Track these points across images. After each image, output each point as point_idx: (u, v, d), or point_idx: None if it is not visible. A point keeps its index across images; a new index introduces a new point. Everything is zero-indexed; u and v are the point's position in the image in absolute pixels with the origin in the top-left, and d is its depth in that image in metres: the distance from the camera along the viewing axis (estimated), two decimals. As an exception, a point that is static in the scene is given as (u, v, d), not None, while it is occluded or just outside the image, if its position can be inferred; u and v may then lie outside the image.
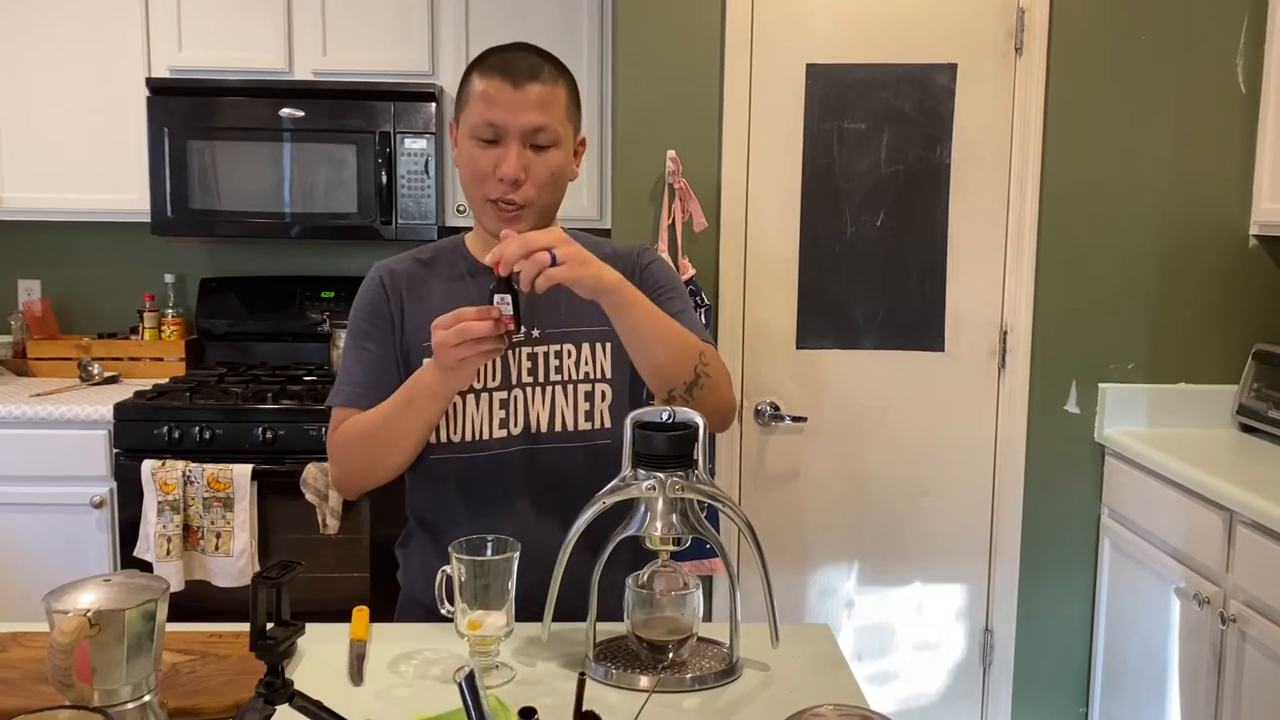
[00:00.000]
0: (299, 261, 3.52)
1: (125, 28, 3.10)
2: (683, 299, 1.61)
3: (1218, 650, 2.22)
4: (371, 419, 1.49)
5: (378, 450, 1.49)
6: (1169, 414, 2.74)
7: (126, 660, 0.99)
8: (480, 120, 1.47)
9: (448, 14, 3.12)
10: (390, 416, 1.46)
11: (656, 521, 1.24)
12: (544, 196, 1.51)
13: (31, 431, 2.87)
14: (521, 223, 1.50)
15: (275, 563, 1.08)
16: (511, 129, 1.46)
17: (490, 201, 1.49)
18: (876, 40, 2.67)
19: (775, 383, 2.75)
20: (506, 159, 1.46)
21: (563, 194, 1.56)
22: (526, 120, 1.46)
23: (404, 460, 1.50)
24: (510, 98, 1.46)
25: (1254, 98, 2.66)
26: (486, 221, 1.53)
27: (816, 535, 2.80)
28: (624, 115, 2.67)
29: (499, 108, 1.46)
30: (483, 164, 1.48)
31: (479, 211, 1.53)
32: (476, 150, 1.48)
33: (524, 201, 1.49)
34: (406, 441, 1.47)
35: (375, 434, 1.48)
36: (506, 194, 1.47)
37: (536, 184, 1.49)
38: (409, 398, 1.44)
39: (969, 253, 2.72)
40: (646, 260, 1.61)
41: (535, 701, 1.15)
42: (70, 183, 3.14)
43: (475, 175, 1.49)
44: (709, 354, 1.49)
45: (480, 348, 1.32)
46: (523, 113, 1.46)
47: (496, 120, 1.46)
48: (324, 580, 2.82)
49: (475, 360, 1.35)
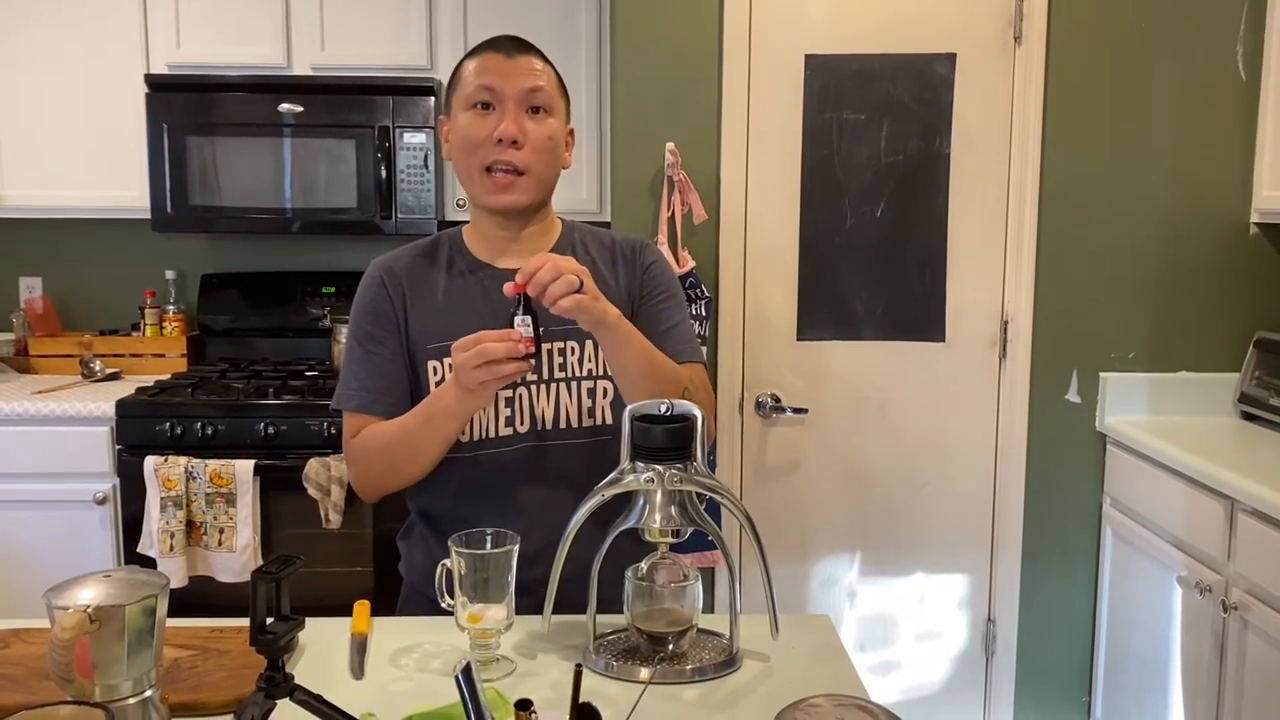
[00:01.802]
0: (299, 257, 3.52)
1: (124, 25, 3.10)
2: (680, 307, 1.61)
3: (1220, 638, 2.22)
4: (391, 433, 1.48)
5: (398, 463, 1.50)
6: (1170, 402, 2.74)
7: (127, 656, 0.99)
8: (475, 87, 1.47)
9: (445, 8, 3.12)
10: (411, 432, 1.46)
11: (655, 514, 1.25)
12: (541, 164, 1.49)
13: (34, 429, 2.87)
14: (517, 191, 1.49)
15: (274, 557, 1.08)
16: (508, 91, 1.47)
17: (486, 171, 1.48)
18: (875, 30, 2.66)
19: (776, 374, 2.75)
20: (504, 121, 1.46)
21: (557, 172, 1.55)
22: (523, 83, 1.47)
23: (423, 471, 1.50)
24: (505, 65, 1.47)
25: (1254, 85, 2.65)
26: (484, 195, 1.51)
27: (818, 526, 2.80)
28: (623, 108, 2.67)
29: (493, 74, 1.47)
30: (479, 130, 1.47)
31: (475, 186, 1.51)
32: (472, 118, 1.48)
33: (523, 166, 1.48)
34: (426, 457, 1.48)
35: (394, 448, 1.48)
36: (504, 155, 1.46)
37: (535, 148, 1.48)
38: (429, 415, 1.44)
39: (969, 243, 2.72)
40: (648, 260, 1.60)
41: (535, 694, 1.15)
42: (70, 180, 3.14)
43: (471, 143, 1.48)
44: (697, 380, 1.51)
45: (501, 370, 1.30)
46: (518, 77, 1.47)
47: (493, 84, 1.47)
48: (326, 575, 2.83)
49: (495, 384, 1.34)
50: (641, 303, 1.57)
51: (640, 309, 1.57)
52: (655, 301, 1.57)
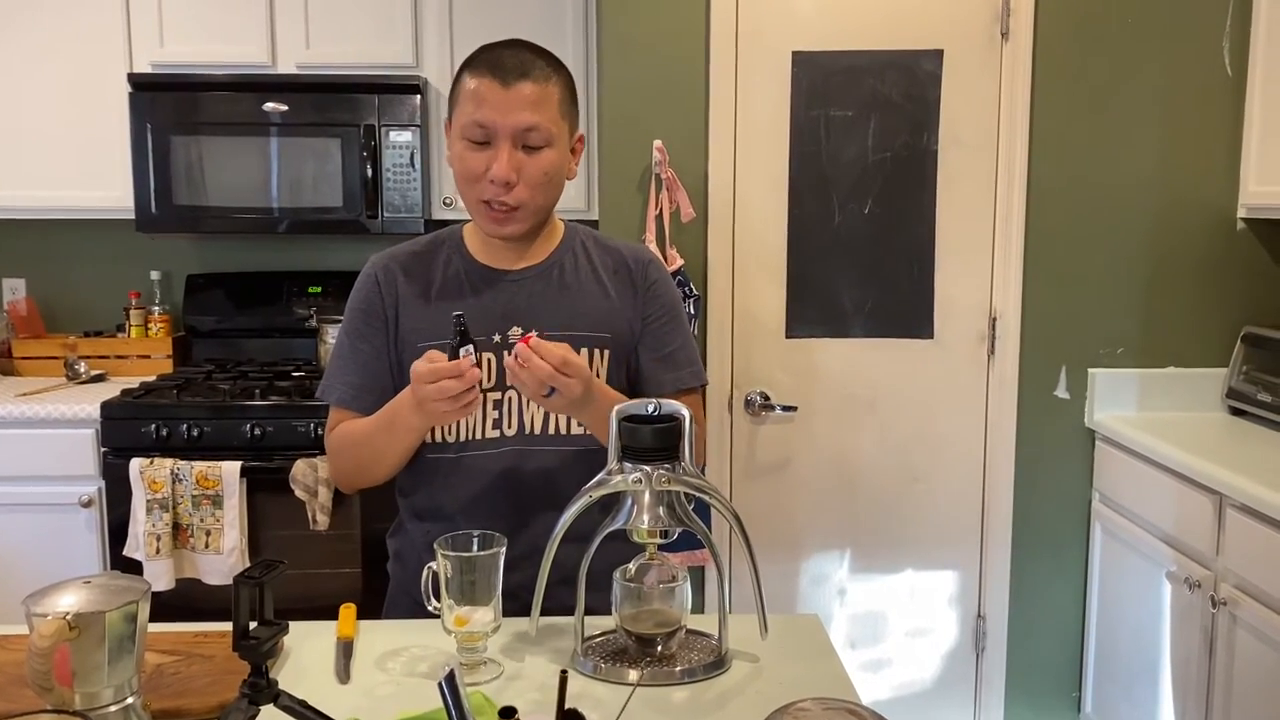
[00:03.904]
0: (285, 256, 3.50)
1: (107, 23, 3.07)
2: (681, 327, 1.61)
3: (1209, 633, 2.23)
4: (358, 433, 1.52)
5: (363, 462, 1.53)
6: (1158, 398, 2.74)
7: (108, 663, 0.98)
8: (470, 120, 1.45)
9: (431, 6, 3.10)
10: (374, 435, 1.49)
11: (643, 514, 1.24)
12: (537, 198, 1.49)
13: (18, 431, 2.85)
14: (514, 224, 1.49)
15: (258, 562, 1.07)
16: (502, 130, 1.43)
17: (483, 203, 1.47)
18: (862, 27, 2.65)
19: (765, 372, 2.75)
20: (498, 160, 1.43)
21: (558, 194, 1.54)
22: (517, 120, 1.43)
23: (390, 471, 1.54)
24: (500, 97, 1.43)
25: (1240, 80, 2.66)
26: (480, 223, 1.52)
27: (808, 524, 2.80)
28: (610, 105, 2.66)
29: (488, 108, 1.43)
30: (474, 165, 1.46)
31: (473, 213, 1.52)
32: (468, 151, 1.46)
33: (516, 204, 1.47)
34: (389, 461, 1.51)
35: (360, 448, 1.52)
36: (498, 196, 1.45)
37: (529, 185, 1.46)
38: (390, 421, 1.46)
39: (957, 239, 2.72)
40: (651, 278, 1.59)
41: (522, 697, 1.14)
42: (54, 180, 3.12)
43: (467, 177, 1.47)
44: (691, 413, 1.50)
45: (460, 402, 1.32)
46: (513, 113, 1.43)
47: (486, 121, 1.43)
48: (315, 576, 2.81)
49: (456, 415, 1.38)
50: (642, 324, 1.57)
51: (642, 330, 1.57)
52: (657, 323, 1.57)
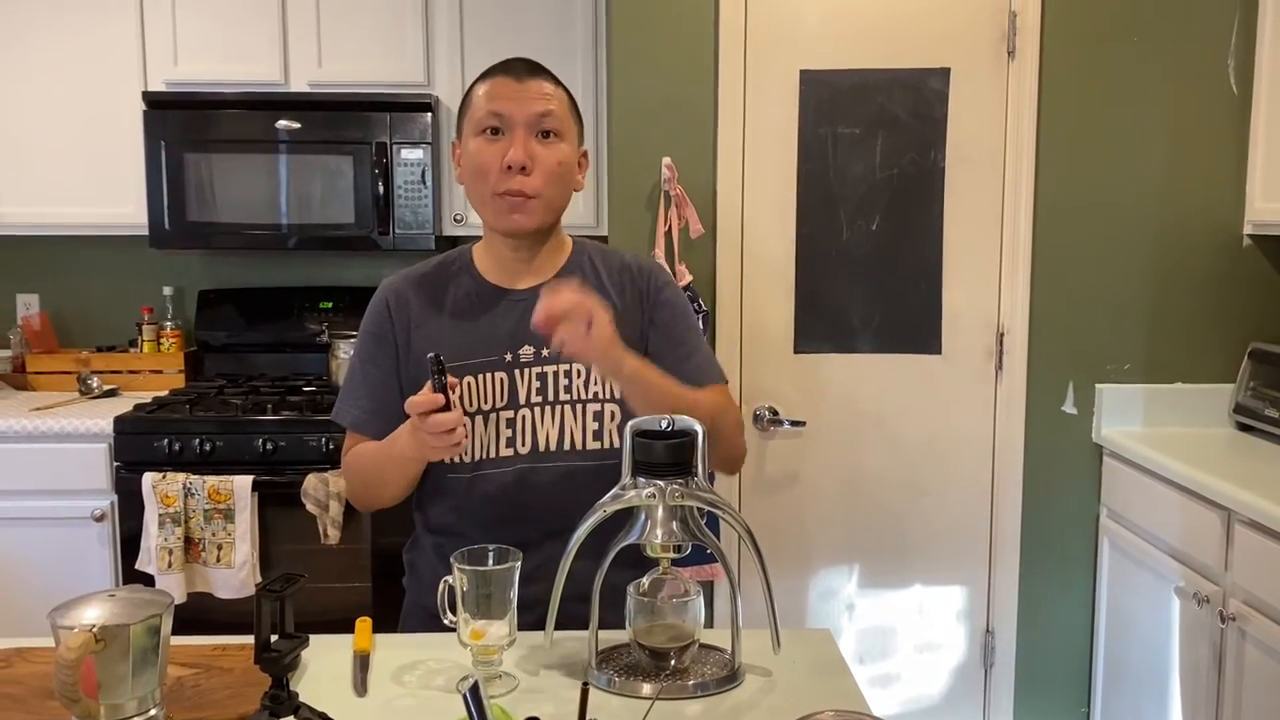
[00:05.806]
0: (297, 272, 3.53)
1: (121, 42, 3.11)
2: (695, 336, 1.62)
3: (1218, 649, 2.23)
4: (365, 459, 1.55)
5: (371, 487, 1.57)
6: (1166, 414, 2.75)
7: (132, 675, 0.99)
8: (485, 112, 1.48)
9: (442, 24, 3.13)
10: (378, 463, 1.52)
11: (657, 529, 1.25)
12: (550, 189, 1.50)
13: (31, 446, 2.87)
14: (528, 214, 1.49)
15: (278, 575, 1.08)
16: (517, 117, 1.47)
17: (497, 195, 1.49)
18: (869, 45, 2.68)
19: (773, 387, 2.76)
20: (514, 146, 1.46)
21: (569, 195, 1.56)
22: (532, 108, 1.47)
23: (396, 495, 1.56)
24: (514, 90, 1.48)
25: (1245, 98, 2.67)
26: (494, 218, 1.52)
27: (817, 538, 2.81)
28: (619, 123, 2.68)
29: (503, 99, 1.48)
30: (488, 156, 1.48)
31: (485, 211, 1.52)
32: (482, 144, 1.48)
33: (532, 192, 1.48)
34: (394, 488, 1.55)
35: (367, 473, 1.56)
36: (512, 184, 1.47)
37: (544, 174, 1.48)
38: (389, 453, 1.48)
39: (964, 255, 2.73)
40: (660, 285, 1.60)
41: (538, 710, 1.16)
42: (67, 197, 3.15)
43: (481, 169, 1.49)
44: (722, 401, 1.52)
45: (452, 439, 1.35)
46: (528, 102, 1.47)
47: (502, 110, 1.47)
48: (326, 590, 2.82)
49: (449, 451, 1.40)
50: (655, 329, 1.57)
51: (654, 335, 1.57)
52: (672, 328, 1.58)
